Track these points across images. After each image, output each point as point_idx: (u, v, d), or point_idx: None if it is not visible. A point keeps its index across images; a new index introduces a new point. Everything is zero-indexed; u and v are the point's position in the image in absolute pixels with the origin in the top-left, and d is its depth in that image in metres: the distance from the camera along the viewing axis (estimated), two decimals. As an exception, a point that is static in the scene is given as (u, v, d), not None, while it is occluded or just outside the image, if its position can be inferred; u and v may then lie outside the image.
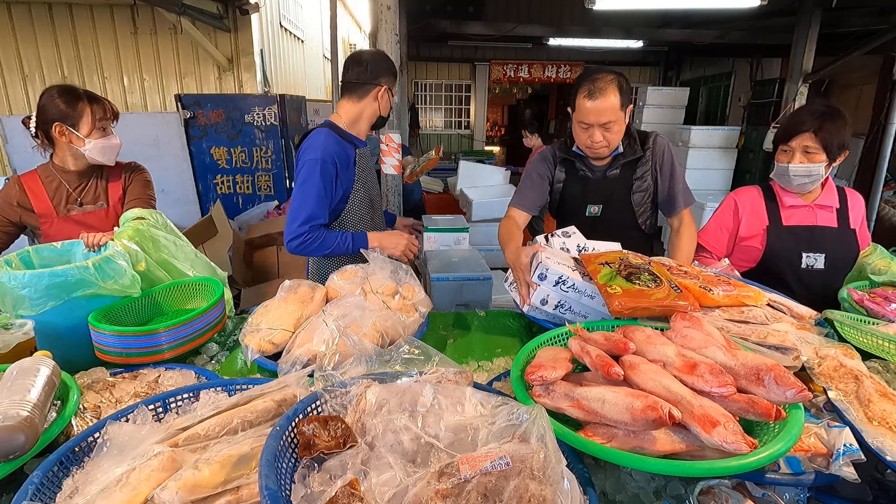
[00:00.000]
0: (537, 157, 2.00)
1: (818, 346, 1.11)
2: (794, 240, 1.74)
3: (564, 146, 1.93)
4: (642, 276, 1.34)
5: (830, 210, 1.75)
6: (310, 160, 1.76)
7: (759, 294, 1.31)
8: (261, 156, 4.29)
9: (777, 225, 1.76)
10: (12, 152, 3.85)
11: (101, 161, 1.81)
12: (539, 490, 0.64)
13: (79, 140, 1.72)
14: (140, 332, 1.26)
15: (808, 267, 1.73)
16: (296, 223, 1.74)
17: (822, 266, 1.72)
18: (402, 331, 1.33)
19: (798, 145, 1.65)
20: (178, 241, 1.68)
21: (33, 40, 4.75)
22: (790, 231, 1.75)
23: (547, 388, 0.97)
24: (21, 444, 0.81)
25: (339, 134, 1.86)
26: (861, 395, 0.96)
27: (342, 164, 1.82)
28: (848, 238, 1.73)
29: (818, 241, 1.73)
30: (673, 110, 7.44)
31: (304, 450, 0.75)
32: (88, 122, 1.72)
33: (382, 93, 1.89)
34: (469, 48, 9.86)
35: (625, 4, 4.96)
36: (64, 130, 1.71)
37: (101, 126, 1.76)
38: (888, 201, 5.98)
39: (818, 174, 1.67)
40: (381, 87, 1.88)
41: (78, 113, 1.71)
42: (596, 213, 1.95)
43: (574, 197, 1.94)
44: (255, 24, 4.91)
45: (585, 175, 1.91)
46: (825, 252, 1.72)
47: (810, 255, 1.72)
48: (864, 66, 6.20)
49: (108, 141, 1.78)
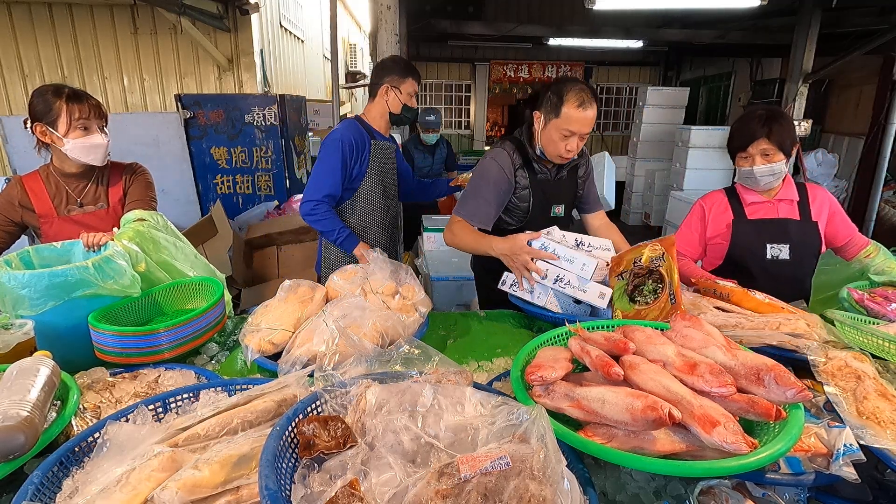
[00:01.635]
0: (494, 168, 1.85)
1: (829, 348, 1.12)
2: (757, 232, 1.81)
3: (523, 149, 1.88)
4: (645, 288, 1.41)
5: (791, 203, 1.83)
6: (331, 139, 2.07)
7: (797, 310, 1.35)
8: (261, 156, 4.28)
9: (741, 220, 1.84)
10: (12, 152, 3.85)
11: (86, 161, 1.75)
12: (539, 490, 0.64)
13: (58, 140, 1.69)
14: (140, 332, 1.26)
15: (774, 258, 1.79)
16: (313, 191, 2.04)
17: (788, 256, 1.79)
18: (402, 331, 1.33)
19: (756, 150, 1.75)
20: (179, 243, 1.67)
21: (33, 40, 4.74)
22: (753, 224, 1.83)
23: (547, 388, 0.97)
24: (21, 444, 0.81)
25: (362, 125, 2.15)
26: (858, 393, 0.97)
27: (358, 149, 2.09)
28: (810, 229, 1.81)
29: (782, 232, 1.80)
30: (673, 110, 7.45)
31: (304, 450, 0.75)
32: (65, 120, 1.68)
33: (386, 91, 2.10)
34: (469, 48, 9.86)
35: (625, 4, 4.97)
36: (45, 130, 1.68)
37: (80, 125, 1.70)
38: (888, 201, 5.99)
39: (780, 171, 1.77)
40: (384, 85, 2.10)
41: (55, 112, 1.67)
42: (560, 213, 1.98)
43: (540, 198, 1.93)
44: (255, 24, 4.91)
45: (546, 177, 1.92)
46: (789, 243, 1.79)
47: (774, 247, 1.80)
48: (864, 66, 6.21)
49: (88, 140, 1.72)
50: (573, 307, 1.60)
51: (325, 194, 2.04)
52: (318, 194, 2.04)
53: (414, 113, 2.19)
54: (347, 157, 2.06)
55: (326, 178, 2.04)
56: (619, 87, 10.57)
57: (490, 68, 10.22)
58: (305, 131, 4.91)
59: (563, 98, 1.69)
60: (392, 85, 2.10)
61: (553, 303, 1.57)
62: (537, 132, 1.82)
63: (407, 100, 2.14)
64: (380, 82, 2.12)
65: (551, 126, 1.74)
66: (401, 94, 2.11)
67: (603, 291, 1.50)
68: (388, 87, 2.10)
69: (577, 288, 1.52)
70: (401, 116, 2.17)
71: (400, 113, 2.15)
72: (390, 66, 2.14)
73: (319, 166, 2.07)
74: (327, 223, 2.05)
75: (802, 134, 5.80)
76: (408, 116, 2.18)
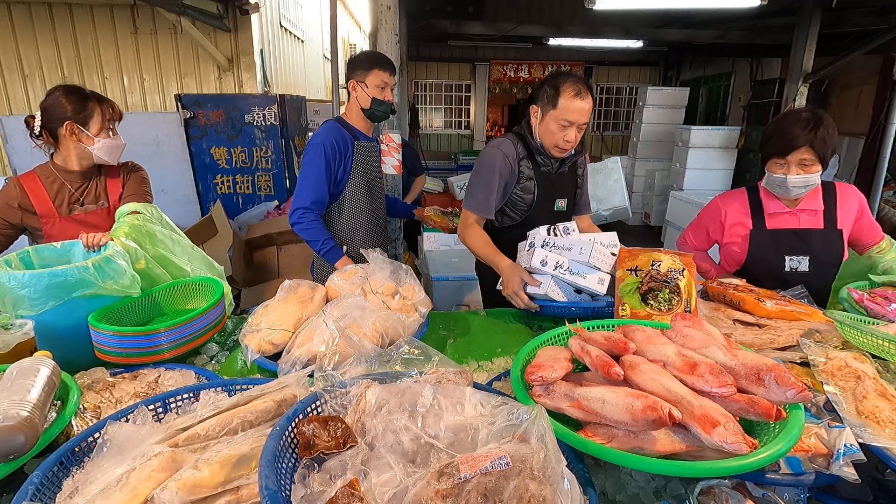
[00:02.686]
0: (498, 157, 1.86)
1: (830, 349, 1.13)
2: (776, 243, 1.74)
3: (525, 141, 1.89)
4: (661, 295, 1.39)
5: (814, 213, 1.74)
6: (313, 144, 2.04)
7: (815, 312, 1.32)
8: (261, 156, 4.28)
9: (760, 230, 1.76)
10: (12, 152, 3.85)
11: (107, 161, 1.83)
12: (539, 490, 0.64)
13: (88, 139, 1.75)
14: (140, 332, 1.26)
15: (793, 270, 1.73)
16: (300, 198, 2.02)
17: (807, 268, 1.72)
18: (402, 331, 1.33)
19: (795, 159, 1.62)
20: (175, 236, 1.68)
21: (33, 40, 4.74)
22: (772, 235, 1.75)
23: (547, 388, 0.97)
24: (21, 444, 0.81)
25: (344, 126, 2.10)
26: (858, 392, 0.97)
27: (340, 151, 2.05)
28: (834, 238, 1.72)
29: (802, 243, 1.72)
30: (673, 110, 7.45)
31: (304, 450, 0.75)
32: (99, 121, 1.75)
33: (353, 86, 2.08)
34: (469, 48, 9.86)
35: (625, 4, 4.96)
36: (75, 129, 1.73)
37: (108, 126, 1.79)
38: (888, 201, 5.98)
39: (815, 182, 1.67)
40: (351, 81, 2.08)
41: (88, 112, 1.73)
42: (563, 207, 1.98)
43: (544, 190, 1.92)
44: (255, 24, 4.91)
45: (548, 170, 1.92)
46: (809, 254, 1.72)
47: (794, 259, 1.72)
48: (864, 66, 6.20)
49: (114, 141, 1.81)
50: (574, 296, 1.61)
51: (312, 201, 2.02)
52: (306, 201, 2.01)
53: (386, 107, 2.09)
54: (330, 161, 2.03)
55: (311, 184, 2.02)
56: (619, 87, 10.57)
57: (490, 68, 10.22)
58: (305, 131, 4.92)
59: (559, 89, 1.72)
60: (357, 80, 2.06)
61: (555, 291, 1.57)
62: (535, 126, 1.84)
63: (376, 93, 2.05)
64: (349, 79, 2.09)
65: (549, 118, 1.77)
66: (367, 88, 2.04)
67: (602, 278, 1.52)
68: (354, 83, 2.07)
69: (576, 274, 1.53)
70: (372, 111, 2.09)
71: (370, 108, 2.07)
72: (355, 62, 2.10)
73: (304, 172, 2.04)
74: (313, 232, 2.02)
75: (802, 134, 5.80)
76: (379, 110, 2.09)
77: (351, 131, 2.11)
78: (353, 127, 2.13)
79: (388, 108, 2.10)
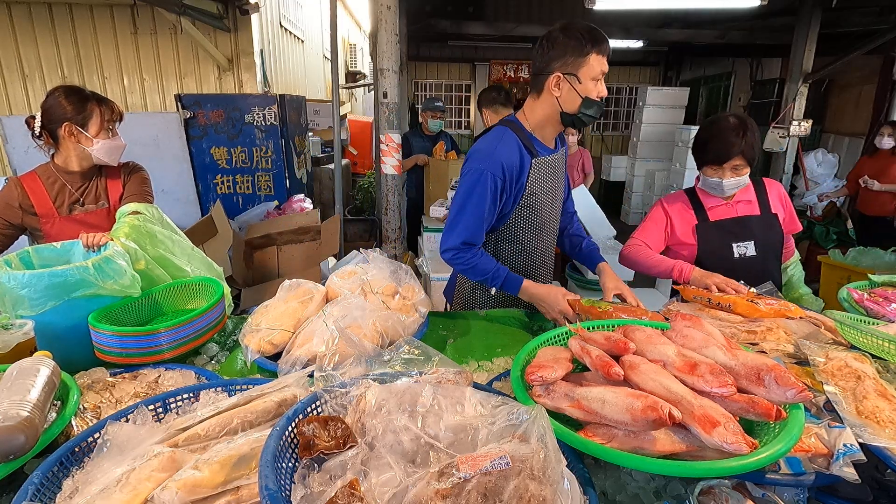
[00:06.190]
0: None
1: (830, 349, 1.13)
2: (721, 233, 1.86)
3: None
4: None
5: (749, 203, 1.88)
6: (475, 171, 1.54)
7: (797, 309, 1.38)
8: (261, 156, 4.28)
9: (704, 223, 1.88)
10: (12, 152, 3.85)
11: (107, 161, 1.83)
12: (539, 490, 0.64)
13: (87, 140, 1.75)
14: (140, 332, 1.26)
15: (741, 256, 1.84)
16: (450, 237, 1.60)
17: (755, 252, 1.84)
18: (402, 331, 1.33)
19: (729, 166, 1.77)
20: (175, 236, 1.68)
21: (33, 40, 4.74)
22: (717, 225, 1.87)
23: (547, 388, 0.97)
24: (21, 444, 0.81)
25: (520, 137, 1.58)
26: (858, 392, 0.97)
27: (513, 178, 1.56)
28: (772, 221, 1.87)
29: (744, 229, 1.85)
30: (673, 110, 7.45)
31: (304, 450, 0.75)
32: (98, 122, 1.75)
33: (557, 82, 1.48)
34: (469, 48, 9.85)
35: (625, 4, 4.97)
36: (73, 130, 1.73)
37: (108, 127, 1.79)
38: (888, 201, 5.96)
39: (745, 182, 1.83)
40: (554, 75, 1.47)
41: (87, 113, 1.73)
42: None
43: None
44: (255, 24, 4.91)
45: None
46: (754, 239, 1.84)
47: (740, 245, 1.84)
48: (864, 66, 6.21)
49: (114, 142, 1.81)
50: None
51: (462, 241, 1.59)
52: (457, 240, 1.59)
53: (598, 108, 1.50)
54: (498, 193, 1.56)
55: (468, 222, 1.57)
56: (619, 87, 10.56)
57: (490, 68, 10.21)
58: (305, 131, 4.92)
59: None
60: (565, 72, 1.46)
61: None
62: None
63: (590, 89, 1.47)
64: (546, 70, 1.49)
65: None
66: (579, 84, 1.46)
67: None
68: (559, 78, 1.47)
69: None
70: (578, 116, 1.50)
71: (577, 111, 1.49)
72: (563, 42, 1.45)
73: (459, 203, 1.59)
74: (479, 269, 1.60)
75: (802, 134, 5.80)
76: (587, 114, 1.49)
77: (530, 144, 1.58)
78: (534, 136, 1.60)
79: (599, 109, 1.51)
